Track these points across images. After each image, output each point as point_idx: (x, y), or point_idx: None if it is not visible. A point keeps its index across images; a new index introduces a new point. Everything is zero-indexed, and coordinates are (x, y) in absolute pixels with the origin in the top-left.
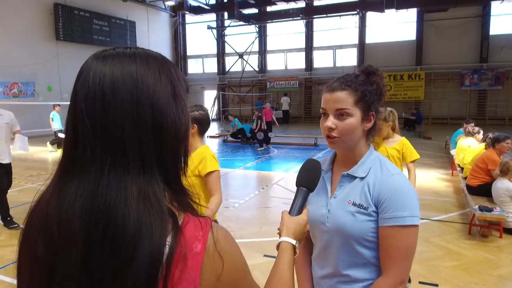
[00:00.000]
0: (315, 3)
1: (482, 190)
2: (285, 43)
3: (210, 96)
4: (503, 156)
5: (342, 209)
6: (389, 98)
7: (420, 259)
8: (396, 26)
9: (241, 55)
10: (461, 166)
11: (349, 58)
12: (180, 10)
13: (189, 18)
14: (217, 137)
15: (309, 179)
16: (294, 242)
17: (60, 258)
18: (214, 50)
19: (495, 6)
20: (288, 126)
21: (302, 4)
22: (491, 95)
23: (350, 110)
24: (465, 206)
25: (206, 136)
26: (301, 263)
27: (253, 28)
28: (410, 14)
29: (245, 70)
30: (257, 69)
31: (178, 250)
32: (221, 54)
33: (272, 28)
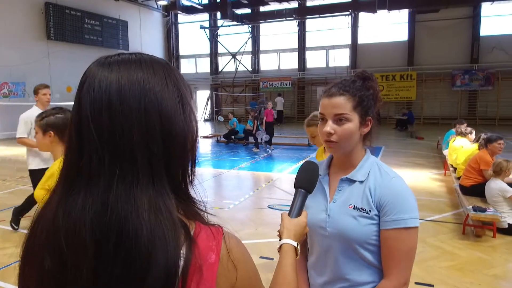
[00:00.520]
0: (308, 4)
1: (475, 190)
2: (278, 43)
3: (203, 96)
4: (496, 156)
5: (343, 213)
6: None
7: (415, 260)
8: (388, 27)
9: (234, 55)
10: (454, 167)
11: (341, 59)
12: (172, 10)
13: (181, 17)
14: (210, 137)
15: (307, 181)
16: (295, 244)
17: (70, 273)
18: (207, 50)
19: (486, 7)
20: (282, 126)
21: (295, 4)
22: (482, 95)
23: (348, 115)
24: (458, 206)
25: (200, 136)
26: (297, 267)
27: (246, 28)
28: (402, 15)
29: (238, 70)
30: (250, 69)
31: (193, 262)
32: (214, 54)
33: (265, 28)
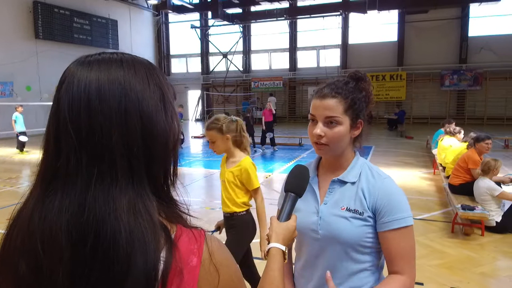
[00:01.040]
0: (299, 4)
1: (464, 189)
2: (269, 43)
3: (194, 96)
4: (484, 156)
5: (335, 215)
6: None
7: None
8: (378, 27)
9: (225, 55)
10: (443, 166)
11: (332, 59)
12: (163, 9)
13: (172, 17)
14: (201, 137)
15: (297, 185)
16: (283, 248)
17: (46, 278)
18: (197, 49)
19: (474, 8)
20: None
21: (286, 4)
22: (470, 95)
23: (339, 118)
24: (447, 204)
25: (191, 136)
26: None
27: (237, 27)
28: (392, 16)
29: (229, 70)
30: (241, 69)
31: (173, 265)
32: (205, 54)
33: (256, 28)
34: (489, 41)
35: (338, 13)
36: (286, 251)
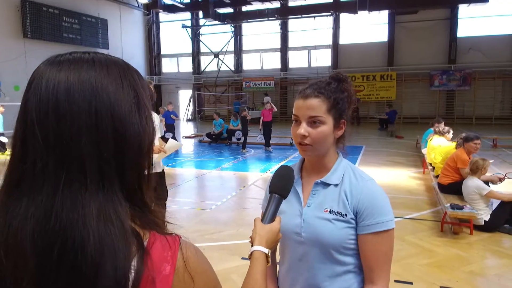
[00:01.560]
0: (290, 4)
1: (453, 188)
2: (260, 43)
3: (185, 95)
4: (472, 155)
5: (318, 217)
6: (362, 98)
7: (395, 258)
8: (368, 28)
9: (216, 55)
10: (432, 165)
11: (323, 59)
12: (153, 8)
13: (163, 16)
14: (192, 137)
15: (282, 186)
16: (266, 251)
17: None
18: (189, 49)
19: (463, 9)
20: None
21: (277, 4)
22: (459, 95)
23: (323, 118)
24: (436, 204)
25: (182, 136)
26: (267, 275)
27: (228, 27)
28: (382, 16)
29: (220, 69)
30: (233, 68)
31: (145, 274)
32: (196, 54)
33: (247, 28)
34: (477, 41)
35: (329, 13)
36: (270, 254)
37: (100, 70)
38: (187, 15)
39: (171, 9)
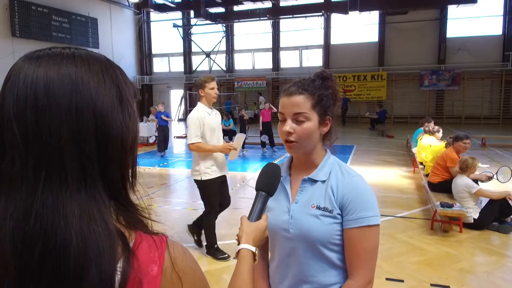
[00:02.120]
0: (282, 4)
1: (442, 187)
2: (252, 43)
3: (176, 95)
4: (462, 154)
5: (305, 213)
6: (353, 98)
7: (386, 256)
8: (359, 28)
9: (208, 54)
10: (422, 164)
11: (315, 59)
12: (144, 8)
13: (154, 15)
14: (184, 137)
15: (268, 183)
16: (254, 249)
17: None
18: (180, 48)
19: (452, 10)
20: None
21: (268, 4)
22: (448, 95)
23: (307, 114)
24: (426, 202)
25: (173, 136)
26: (257, 272)
27: (220, 27)
28: (373, 17)
29: (212, 69)
30: (224, 68)
31: (132, 276)
32: (187, 53)
33: (239, 27)
34: (466, 42)
35: (320, 13)
36: (257, 252)
37: (81, 66)
38: (178, 15)
39: (162, 8)
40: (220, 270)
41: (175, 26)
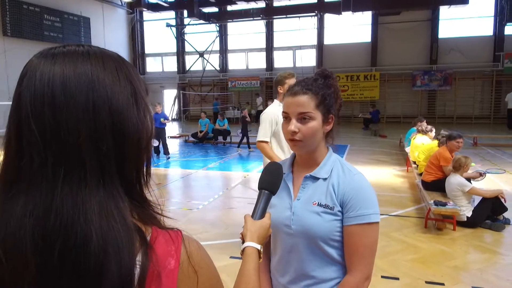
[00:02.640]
0: (275, 4)
1: (436, 186)
2: (246, 43)
3: (170, 95)
4: (455, 153)
5: (307, 210)
6: (346, 98)
7: (381, 254)
8: (352, 28)
9: (201, 54)
10: (416, 163)
11: (308, 59)
12: (137, 7)
13: (147, 15)
14: (178, 137)
15: (271, 182)
16: (259, 247)
17: None
18: (173, 48)
19: (444, 11)
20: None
21: (262, 4)
22: (440, 95)
23: (312, 114)
24: (420, 201)
25: (167, 136)
26: (260, 268)
27: (213, 27)
28: (366, 17)
29: (206, 69)
30: (218, 68)
31: (150, 269)
32: (181, 53)
33: (232, 27)
34: (458, 42)
35: (314, 13)
36: (261, 250)
37: (96, 63)
38: (172, 14)
39: (155, 8)
40: (218, 269)
41: (168, 25)
